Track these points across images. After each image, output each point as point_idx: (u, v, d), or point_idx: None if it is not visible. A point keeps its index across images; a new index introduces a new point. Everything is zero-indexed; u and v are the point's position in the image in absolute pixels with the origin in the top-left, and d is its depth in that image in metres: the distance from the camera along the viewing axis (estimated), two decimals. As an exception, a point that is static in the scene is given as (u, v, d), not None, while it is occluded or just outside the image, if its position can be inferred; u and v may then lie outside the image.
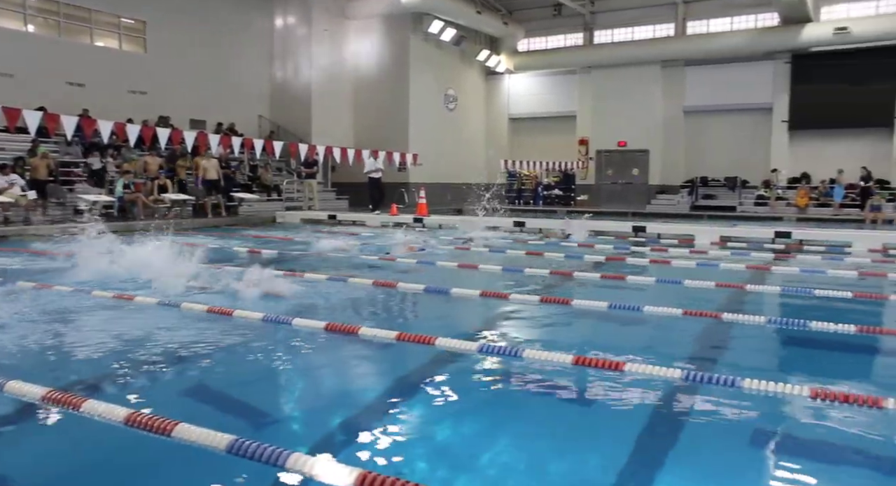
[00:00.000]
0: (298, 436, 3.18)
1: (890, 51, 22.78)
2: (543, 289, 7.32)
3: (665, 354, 4.58)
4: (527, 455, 3.07)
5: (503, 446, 3.15)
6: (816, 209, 22.46)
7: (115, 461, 3.01)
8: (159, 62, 21.42)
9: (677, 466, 2.94)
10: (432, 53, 26.13)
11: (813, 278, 8.16)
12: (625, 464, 2.90)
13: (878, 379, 4.35)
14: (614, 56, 26.70)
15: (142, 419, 3.07)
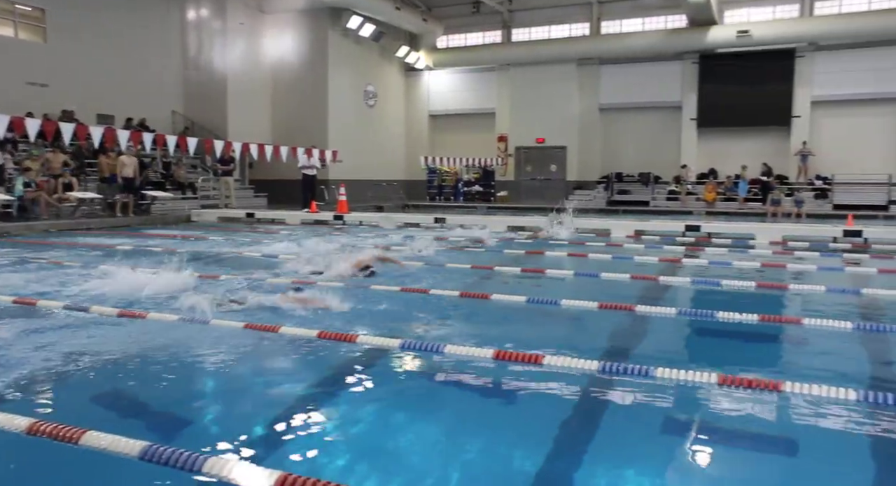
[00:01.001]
0: (217, 440, 3.10)
1: (787, 54, 24.10)
2: (463, 285, 7.38)
3: (582, 346, 4.70)
4: (449, 450, 3.09)
5: (425, 442, 3.16)
6: (723, 204, 23.56)
7: (14, 474, 2.85)
8: (61, 53, 20.33)
9: (596, 454, 3.03)
10: (351, 49, 25.89)
11: (720, 270, 8.55)
12: (546, 454, 2.96)
13: (778, 364, 4.59)
14: (532, 54, 27.16)
15: (45, 429, 2.92)
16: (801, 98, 24.21)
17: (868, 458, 2.99)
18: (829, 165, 23.59)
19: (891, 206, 21.64)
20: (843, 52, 23.47)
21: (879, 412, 3.40)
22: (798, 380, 3.70)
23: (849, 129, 23.78)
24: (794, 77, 24.21)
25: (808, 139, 23.96)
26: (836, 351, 4.82)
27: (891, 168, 22.50)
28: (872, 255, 10.52)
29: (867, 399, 3.49)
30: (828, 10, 23.60)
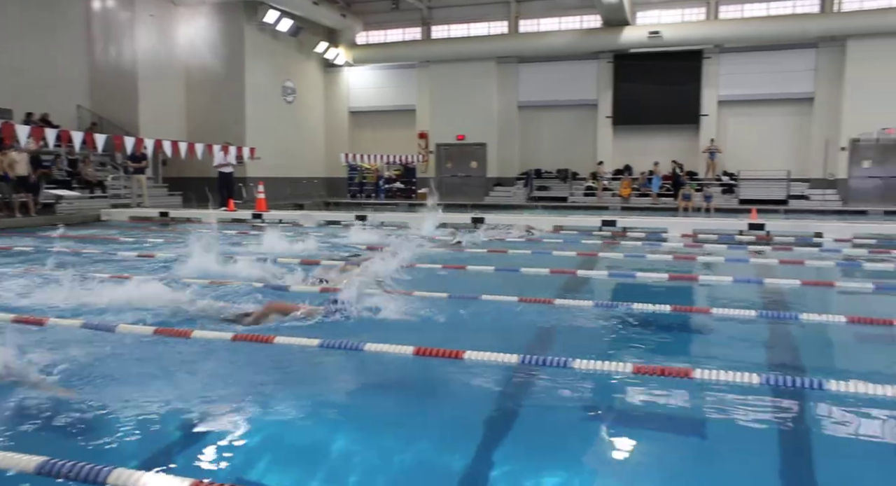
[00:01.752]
0: (129, 451, 2.96)
1: (695, 55, 25.09)
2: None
3: (503, 340, 4.74)
4: (371, 449, 3.06)
5: (347, 442, 3.12)
6: (638, 199, 24.34)
7: None
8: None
9: (517, 445, 3.06)
10: (269, 44, 25.34)
11: (635, 263, 8.81)
12: (471, 448, 2.97)
13: (689, 352, 4.76)
14: (451, 51, 27.28)
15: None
16: (708, 98, 25.25)
17: (773, 439, 3.13)
18: (735, 162, 24.72)
19: (790, 200, 22.84)
20: (746, 55, 24.61)
21: (781, 394, 3.57)
22: (707, 367, 3.84)
23: (752, 127, 24.97)
24: (702, 77, 25.22)
25: (716, 137, 25.02)
26: (742, 338, 5.04)
27: (790, 165, 23.78)
28: (774, 246, 11.08)
29: (769, 383, 3.66)
30: (731, 15, 24.70)
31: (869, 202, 22.35)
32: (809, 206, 22.37)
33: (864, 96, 22.72)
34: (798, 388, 3.61)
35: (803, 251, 10.38)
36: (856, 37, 22.98)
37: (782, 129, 24.80)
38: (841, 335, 5.17)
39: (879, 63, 22.51)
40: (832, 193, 23.53)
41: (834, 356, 4.76)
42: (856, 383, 3.58)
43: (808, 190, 23.66)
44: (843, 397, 3.50)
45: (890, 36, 22.41)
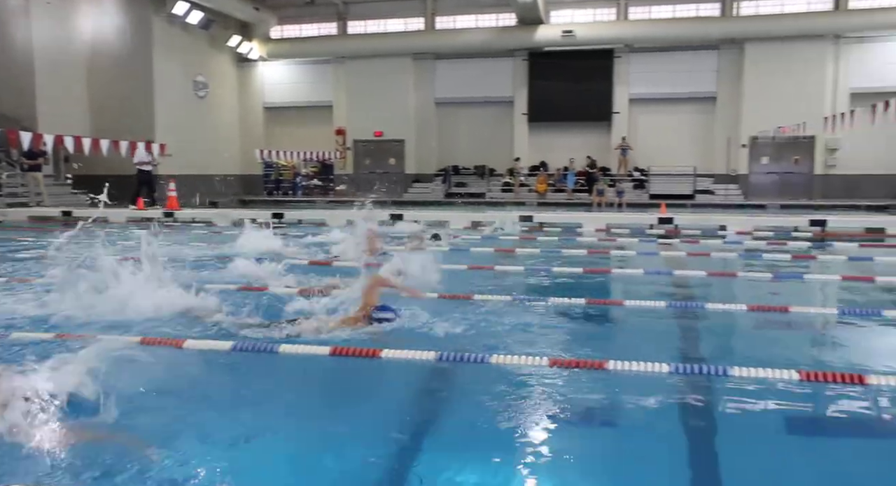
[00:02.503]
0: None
1: (606, 54, 25.84)
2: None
3: (421, 337, 4.75)
4: (287, 453, 3.02)
5: (260, 445, 3.06)
6: (553, 194, 24.88)
7: None
8: None
9: (435, 442, 3.08)
10: (179, 37, 24.48)
11: (551, 257, 9.01)
12: (390, 448, 2.97)
13: (603, 345, 4.90)
14: (368, 47, 27.10)
15: None
16: (619, 96, 26.06)
17: (681, 425, 3.27)
18: (645, 159, 25.62)
19: (696, 195, 23.86)
20: (654, 55, 25.53)
21: (690, 381, 3.74)
22: (620, 358, 3.98)
23: (661, 125, 25.94)
24: (614, 76, 26.01)
25: (627, 134, 25.86)
26: (653, 329, 5.24)
27: (696, 161, 24.82)
28: (682, 239, 11.55)
29: (678, 371, 3.82)
30: (640, 16, 25.56)
31: (767, 196, 23.60)
32: (714, 200, 23.43)
33: (761, 96, 23.97)
34: (704, 374, 3.78)
35: (709, 243, 10.87)
36: (753, 40, 24.22)
37: (689, 126, 25.87)
38: (742, 323, 5.45)
39: (774, 65, 23.80)
40: (734, 188, 24.73)
41: (735, 343, 5.00)
42: (756, 369, 3.78)
43: (712, 185, 24.79)
44: (745, 381, 3.69)
45: (783, 40, 23.72)
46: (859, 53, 24.00)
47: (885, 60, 23.68)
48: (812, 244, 10.86)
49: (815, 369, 3.80)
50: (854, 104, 20.69)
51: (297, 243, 10.35)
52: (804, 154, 24.71)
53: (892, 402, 3.48)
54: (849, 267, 8.40)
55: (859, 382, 3.62)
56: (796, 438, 3.23)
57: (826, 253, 9.86)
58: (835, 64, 24.08)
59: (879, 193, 22.69)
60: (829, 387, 3.62)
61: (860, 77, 23.67)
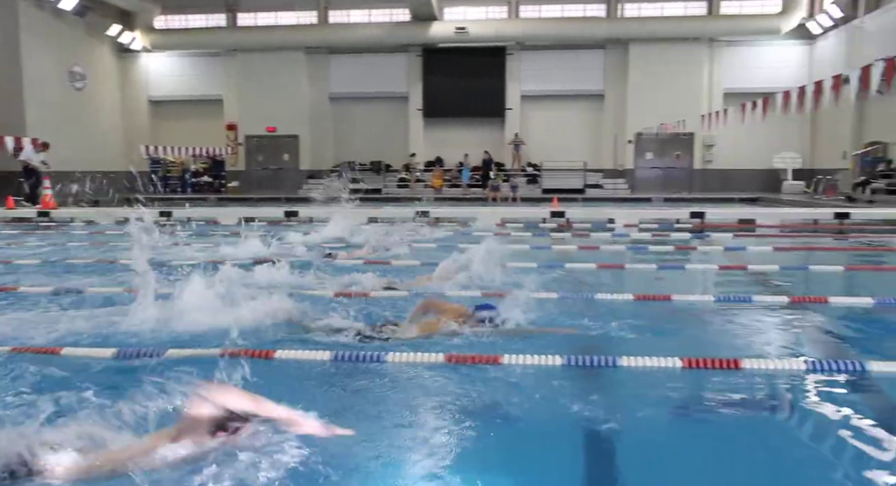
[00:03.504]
0: None
1: (499, 51, 26.33)
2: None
3: (313, 337, 4.68)
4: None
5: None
6: (449, 190, 25.12)
7: None
8: None
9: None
10: (51, 24, 22.96)
11: (447, 251, 9.07)
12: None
13: (496, 338, 4.96)
14: (259, 40, 26.39)
15: None
16: (512, 92, 26.62)
17: (570, 417, 3.37)
18: (538, 154, 26.31)
19: (587, 189, 24.73)
20: (545, 53, 26.24)
21: (581, 373, 3.87)
22: (513, 352, 4.06)
23: (553, 121, 26.71)
24: (506, 73, 26.54)
25: (520, 130, 26.46)
26: (546, 321, 5.37)
27: (586, 156, 25.72)
28: (574, 233, 11.94)
29: (570, 364, 3.95)
30: (531, 14, 26.19)
31: (652, 190, 24.78)
32: (603, 194, 24.37)
33: (644, 95, 25.13)
34: (595, 366, 3.92)
35: (598, 236, 11.29)
36: (636, 41, 25.35)
37: (578, 123, 26.77)
38: (630, 311, 5.67)
39: (656, 65, 25.01)
40: (622, 182, 25.82)
41: (624, 333, 5.20)
42: (644, 358, 3.96)
43: (601, 180, 25.78)
44: (633, 371, 3.86)
45: (663, 42, 24.97)
46: (731, 56, 25.61)
47: (754, 63, 25.40)
48: (692, 235, 11.49)
49: (696, 356, 4.02)
50: (727, 103, 22.07)
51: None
52: (684, 150, 26.12)
53: (765, 385, 3.74)
54: (725, 257, 8.93)
55: (735, 367, 3.86)
56: (680, 424, 3.40)
57: (705, 243, 10.45)
58: (710, 65, 25.59)
59: (751, 187, 24.30)
60: (709, 373, 3.84)
61: (732, 78, 25.27)
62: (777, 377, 3.79)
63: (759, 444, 3.10)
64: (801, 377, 3.80)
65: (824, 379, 3.75)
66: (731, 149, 25.05)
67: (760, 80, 24.17)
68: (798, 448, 3.08)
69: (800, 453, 3.03)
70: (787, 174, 23.84)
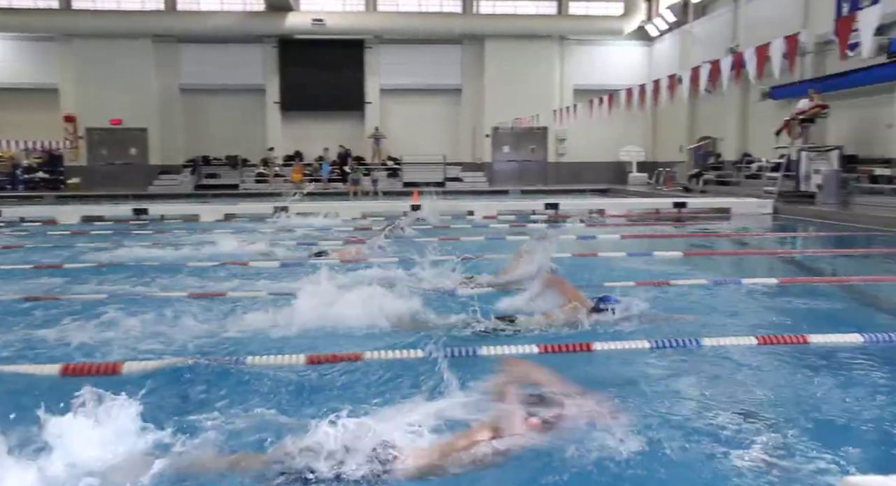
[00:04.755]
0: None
1: (357, 44, 26.17)
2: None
3: (175, 339, 4.48)
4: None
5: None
6: (310, 184, 24.63)
7: None
8: None
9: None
10: None
11: (305, 248, 8.94)
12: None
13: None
14: (99, 25, 24.61)
15: None
16: (371, 86, 26.56)
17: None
18: (398, 148, 26.43)
19: (447, 182, 25.14)
20: (403, 47, 26.37)
21: (429, 363, 3.94)
22: (375, 348, 4.09)
23: (412, 115, 26.91)
24: (365, 66, 26.43)
25: (380, 124, 26.46)
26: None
27: (446, 150, 26.14)
28: (436, 225, 12.11)
29: (430, 355, 4.02)
30: (388, 7, 26.23)
31: (509, 183, 25.60)
32: (463, 187, 24.87)
33: (500, 90, 25.90)
34: (452, 357, 4.01)
35: (459, 228, 11.54)
36: (491, 37, 26.06)
37: (438, 117, 27.14)
38: (489, 303, 5.82)
39: (511, 61, 25.83)
40: (481, 175, 26.49)
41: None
42: (503, 347, 4.11)
43: (461, 173, 26.31)
44: (483, 360, 3.99)
45: (517, 38, 25.84)
46: (580, 55, 26.94)
47: (601, 62, 26.87)
48: (548, 225, 12.00)
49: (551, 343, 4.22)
50: (577, 99, 23.20)
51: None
52: (539, 144, 27.19)
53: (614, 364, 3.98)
54: (577, 245, 9.40)
55: (587, 349, 4.09)
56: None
57: (560, 233, 10.95)
58: (561, 63, 26.78)
59: (600, 178, 25.71)
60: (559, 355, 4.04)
61: (581, 75, 26.60)
62: (630, 355, 4.07)
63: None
64: (643, 354, 4.08)
65: (658, 355, 4.06)
66: (582, 143, 26.37)
67: (607, 77, 25.58)
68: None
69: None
70: (632, 167, 25.42)
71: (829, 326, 4.74)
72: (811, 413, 3.19)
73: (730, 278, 6.62)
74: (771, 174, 17.24)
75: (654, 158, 26.33)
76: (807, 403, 3.34)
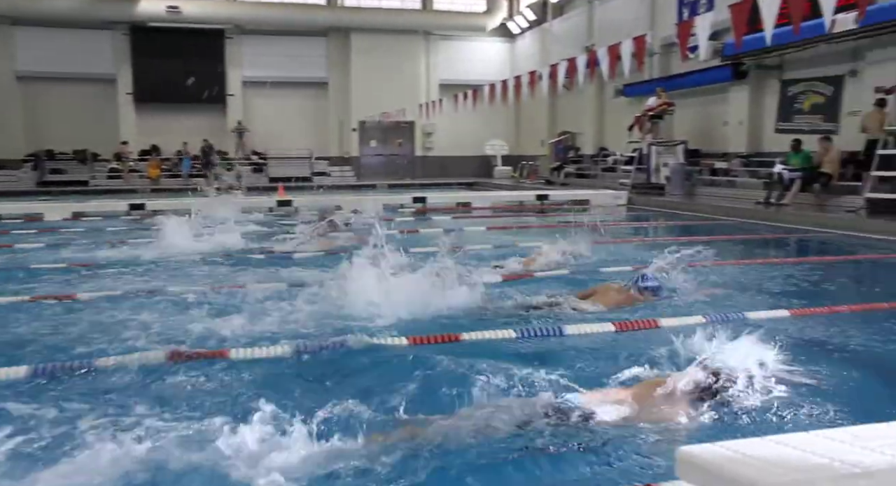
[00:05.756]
0: None
1: (217, 34, 25.16)
2: None
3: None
4: None
5: None
6: (168, 180, 23.47)
7: None
8: None
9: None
10: None
11: (168, 247, 8.50)
12: None
13: (223, 333, 4.78)
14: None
15: None
16: (233, 78, 25.63)
17: (307, 400, 3.38)
18: (263, 142, 25.71)
19: (314, 177, 24.72)
20: (267, 38, 25.63)
21: (303, 359, 3.89)
22: (240, 345, 3.97)
23: (277, 108, 26.23)
24: (226, 57, 25.47)
25: (243, 117, 25.60)
26: (265, 313, 5.26)
27: (312, 144, 25.71)
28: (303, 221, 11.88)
29: (300, 349, 3.95)
30: (249, -4, 25.40)
31: (377, 177, 25.56)
32: (331, 182, 24.55)
33: (367, 83, 25.78)
34: (317, 350, 3.98)
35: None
36: (357, 30, 25.88)
37: (304, 110, 26.63)
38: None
39: (377, 55, 25.77)
40: (349, 169, 26.28)
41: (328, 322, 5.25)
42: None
43: (328, 167, 25.97)
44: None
45: (383, 32, 25.84)
46: (445, 50, 27.32)
47: (466, 57, 27.37)
48: (416, 218, 12.11)
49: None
50: (443, 94, 23.51)
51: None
52: (406, 138, 27.32)
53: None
54: (445, 238, 9.51)
55: (455, 340, 4.16)
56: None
57: (427, 226, 11.07)
58: (426, 57, 27.04)
59: (467, 172, 26.21)
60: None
61: (447, 70, 26.98)
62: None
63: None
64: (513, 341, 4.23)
65: (528, 343, 4.22)
66: (449, 137, 26.76)
67: (472, 73, 26.06)
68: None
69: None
70: (497, 160, 26.11)
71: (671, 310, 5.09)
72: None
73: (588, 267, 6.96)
74: (625, 167, 18.31)
75: (517, 151, 27.16)
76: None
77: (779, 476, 1.22)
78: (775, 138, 14.99)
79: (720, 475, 1.27)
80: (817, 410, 3.08)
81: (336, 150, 26.67)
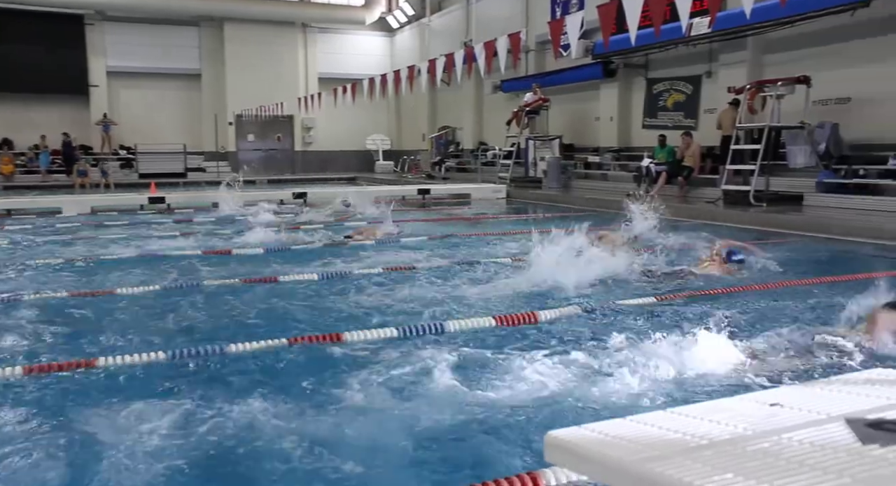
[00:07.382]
0: None
1: (76, 19, 23.56)
2: None
3: None
4: None
5: None
6: (24, 177, 21.82)
7: None
8: None
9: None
10: None
11: (28, 251, 7.96)
12: None
13: (93, 339, 4.54)
14: None
15: None
16: (96, 67, 24.14)
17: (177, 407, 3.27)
18: (132, 136, 24.31)
19: (189, 173, 23.71)
20: (134, 26, 24.30)
21: (183, 364, 3.76)
22: (113, 354, 3.78)
23: (147, 101, 24.97)
24: (87, 45, 23.92)
25: (109, 110, 24.17)
26: (148, 315, 5.09)
27: (186, 139, 24.60)
28: (176, 219, 11.42)
29: (174, 356, 3.81)
30: (110, -20, 23.92)
31: (256, 172, 24.84)
32: (206, 177, 23.59)
33: (243, 75, 25.01)
34: (198, 354, 3.86)
35: (202, 219, 11.00)
36: (231, 20, 25.03)
37: (176, 103, 25.48)
38: (239, 297, 5.65)
39: (253, 46, 25.06)
40: (225, 164, 25.36)
41: (234, 319, 5.16)
42: (251, 343, 4.02)
43: (203, 162, 24.95)
44: (243, 355, 3.89)
45: (259, 23, 25.13)
46: (324, 43, 26.94)
47: (346, 51, 27.11)
48: (297, 216, 11.89)
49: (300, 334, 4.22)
50: (322, 87, 23.18)
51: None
52: (285, 132, 26.74)
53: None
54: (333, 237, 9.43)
55: (338, 340, 4.15)
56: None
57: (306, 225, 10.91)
58: (305, 50, 26.56)
59: (348, 167, 26.01)
60: (312, 346, 4.06)
61: (326, 64, 26.63)
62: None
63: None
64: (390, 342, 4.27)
65: (412, 339, 4.27)
66: (330, 131, 26.41)
67: (351, 67, 25.84)
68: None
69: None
70: (379, 155, 26.05)
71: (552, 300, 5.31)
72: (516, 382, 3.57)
73: (471, 259, 7.11)
74: (504, 161, 18.79)
75: (399, 146, 27.22)
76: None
77: (639, 454, 1.31)
78: (643, 134, 15.89)
79: (587, 457, 1.35)
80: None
81: (212, 144, 25.68)
